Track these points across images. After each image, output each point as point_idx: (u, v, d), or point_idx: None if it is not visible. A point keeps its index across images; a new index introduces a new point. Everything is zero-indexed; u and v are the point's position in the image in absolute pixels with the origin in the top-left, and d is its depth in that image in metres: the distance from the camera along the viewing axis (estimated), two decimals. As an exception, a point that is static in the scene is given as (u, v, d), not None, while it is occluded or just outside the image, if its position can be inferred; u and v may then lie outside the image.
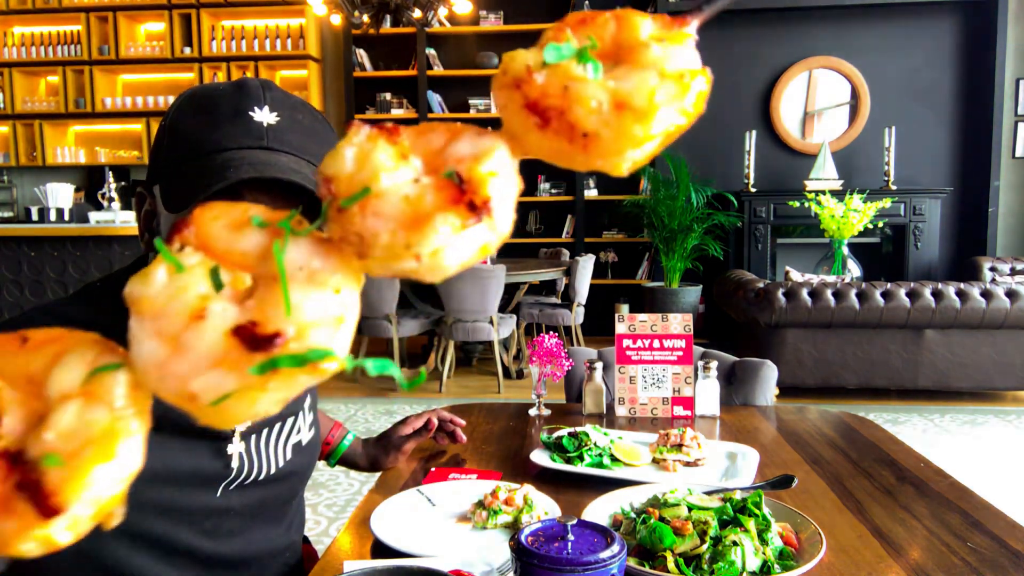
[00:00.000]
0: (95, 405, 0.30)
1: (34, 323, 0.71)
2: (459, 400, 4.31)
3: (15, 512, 0.28)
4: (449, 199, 0.31)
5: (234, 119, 0.72)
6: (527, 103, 0.32)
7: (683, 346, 1.50)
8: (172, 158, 0.72)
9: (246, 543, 0.90)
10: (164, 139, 0.74)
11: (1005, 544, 0.89)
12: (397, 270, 0.31)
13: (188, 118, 0.74)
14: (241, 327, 0.30)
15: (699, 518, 0.83)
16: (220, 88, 0.75)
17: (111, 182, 4.95)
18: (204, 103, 0.74)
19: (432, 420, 1.28)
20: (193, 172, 0.69)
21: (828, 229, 4.89)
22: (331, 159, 0.32)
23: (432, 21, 4.78)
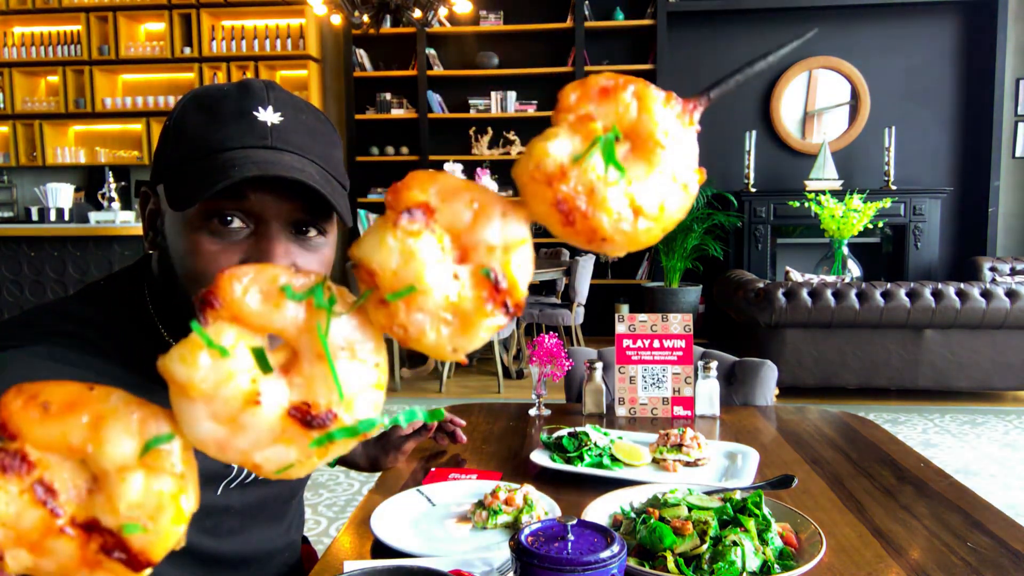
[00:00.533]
0: (158, 475, 0.33)
1: (41, 321, 0.72)
2: (459, 400, 4.31)
3: (108, 569, 0.33)
4: (487, 299, 0.34)
5: (238, 119, 0.72)
6: (556, 202, 0.34)
7: (683, 346, 1.50)
8: (175, 157, 0.72)
9: (245, 542, 0.90)
10: (168, 139, 0.75)
11: (1005, 544, 0.89)
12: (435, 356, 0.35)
13: (192, 118, 0.73)
14: (296, 407, 0.33)
15: (699, 518, 0.83)
16: (224, 88, 0.75)
17: (111, 182, 4.95)
18: (208, 103, 0.74)
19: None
20: (196, 171, 0.69)
21: (828, 229, 4.89)
22: (372, 249, 0.33)
23: (432, 21, 4.78)
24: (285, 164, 0.69)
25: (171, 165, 0.72)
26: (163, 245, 0.74)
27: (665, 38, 6.14)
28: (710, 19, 6.32)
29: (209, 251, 0.69)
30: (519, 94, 6.45)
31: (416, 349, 0.34)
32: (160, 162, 0.75)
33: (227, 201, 0.69)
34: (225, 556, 0.87)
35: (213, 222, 0.70)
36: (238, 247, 0.70)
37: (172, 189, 0.71)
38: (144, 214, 0.77)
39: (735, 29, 6.31)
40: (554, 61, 6.42)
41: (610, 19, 6.23)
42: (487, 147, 6.44)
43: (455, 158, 6.05)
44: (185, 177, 0.69)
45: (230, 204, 0.69)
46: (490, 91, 6.44)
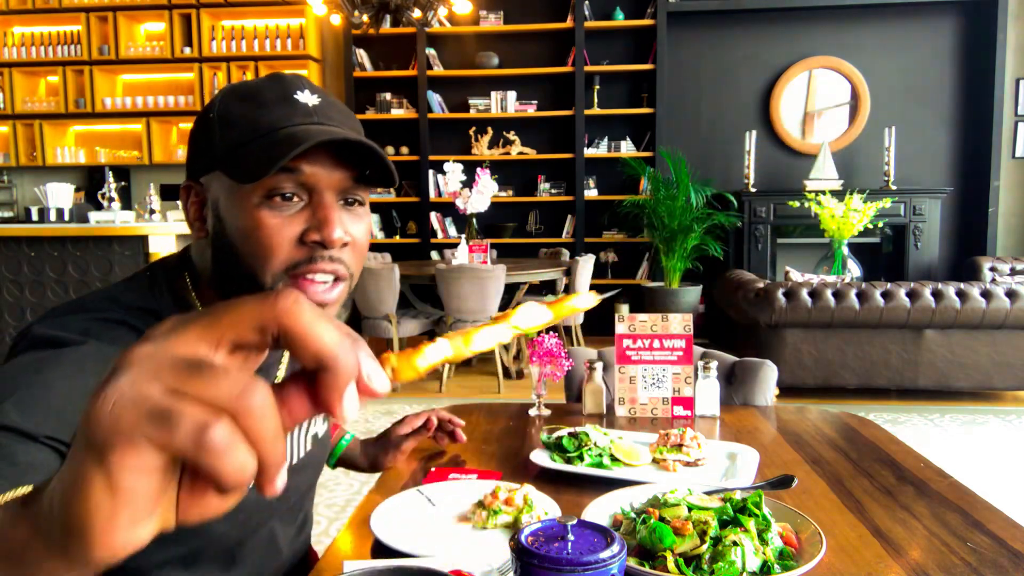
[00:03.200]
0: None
1: (93, 306, 0.76)
2: (459, 400, 4.31)
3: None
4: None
5: (282, 102, 0.77)
6: None
7: (683, 346, 1.49)
8: (229, 142, 0.76)
9: (269, 536, 0.93)
10: (213, 128, 0.77)
11: (1005, 544, 0.89)
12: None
13: (236, 107, 0.77)
14: None
15: (699, 518, 0.83)
16: (257, 81, 0.80)
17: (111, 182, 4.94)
18: (247, 93, 0.78)
19: (431, 419, 1.28)
20: (260, 148, 0.73)
21: (828, 229, 4.89)
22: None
23: (432, 21, 4.78)
24: (332, 133, 0.74)
25: (228, 149, 0.76)
26: (218, 229, 0.77)
27: (665, 38, 6.14)
28: (710, 19, 6.32)
29: (272, 224, 0.74)
30: (519, 94, 6.45)
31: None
32: (209, 152, 0.78)
33: (284, 176, 0.74)
34: (246, 551, 0.89)
35: (275, 199, 0.74)
36: (297, 218, 0.75)
37: (237, 168, 0.74)
38: (187, 208, 0.81)
39: (735, 29, 6.31)
40: (554, 61, 6.42)
41: (610, 19, 6.23)
42: (487, 147, 6.44)
43: (455, 158, 6.05)
44: (248, 156, 0.73)
45: (287, 179, 0.74)
46: (490, 91, 6.44)
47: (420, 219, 6.55)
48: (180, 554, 0.81)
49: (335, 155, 0.76)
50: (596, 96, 6.30)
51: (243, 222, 0.75)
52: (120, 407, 0.28)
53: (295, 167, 0.74)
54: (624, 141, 6.37)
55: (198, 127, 0.80)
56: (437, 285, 4.40)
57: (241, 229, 0.75)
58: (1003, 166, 6.15)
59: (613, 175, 6.44)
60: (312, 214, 0.75)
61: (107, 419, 0.28)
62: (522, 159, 6.44)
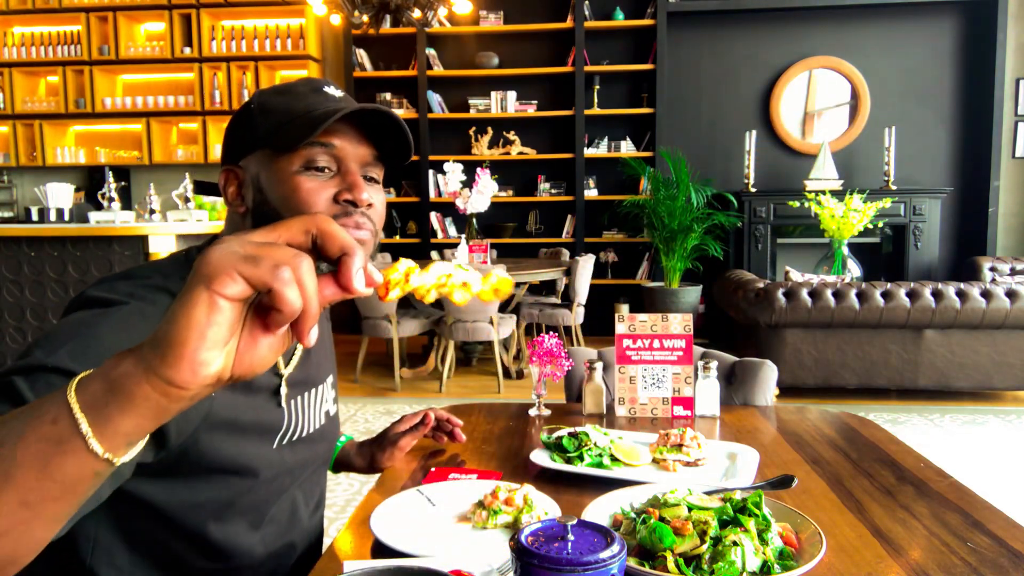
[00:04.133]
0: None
1: (142, 275, 0.86)
2: (459, 400, 4.31)
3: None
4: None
5: (315, 93, 0.90)
6: None
7: (683, 346, 1.49)
8: (271, 125, 0.88)
9: (292, 502, 1.00)
10: (255, 117, 0.90)
11: (1005, 544, 0.89)
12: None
13: (273, 100, 0.90)
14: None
15: (699, 518, 0.83)
16: (289, 83, 0.93)
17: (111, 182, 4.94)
18: (282, 89, 0.92)
19: (429, 415, 1.28)
20: (300, 124, 0.86)
21: (828, 229, 4.89)
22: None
23: (432, 21, 4.78)
24: (369, 105, 0.87)
25: (270, 130, 0.88)
26: (259, 200, 0.90)
27: (665, 38, 6.14)
28: (710, 19, 6.32)
29: (310, 187, 0.87)
30: (519, 94, 6.45)
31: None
32: (250, 136, 0.90)
33: (319, 149, 0.87)
34: (272, 514, 0.96)
35: (311, 169, 0.87)
36: (330, 184, 0.88)
37: (281, 140, 0.87)
38: (225, 190, 0.93)
39: (735, 29, 6.31)
40: (554, 61, 6.42)
41: (610, 19, 6.23)
42: (487, 147, 6.44)
43: (455, 158, 6.05)
44: (290, 132, 0.86)
45: (321, 152, 0.87)
46: (490, 91, 6.44)
47: (420, 219, 6.55)
48: (215, 506, 0.88)
49: (361, 132, 0.90)
50: (596, 96, 6.30)
51: (284, 188, 0.87)
52: (222, 253, 0.44)
53: (328, 141, 0.87)
54: (624, 141, 6.37)
55: (238, 119, 0.93)
56: (437, 285, 4.39)
57: (282, 195, 0.87)
58: (1003, 166, 6.15)
59: (613, 175, 6.44)
60: (342, 180, 0.89)
61: (215, 259, 0.44)
62: (522, 159, 6.44)
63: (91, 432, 0.46)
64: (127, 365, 0.46)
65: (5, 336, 4.54)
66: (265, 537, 0.96)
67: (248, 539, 0.93)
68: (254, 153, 0.90)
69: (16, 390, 0.66)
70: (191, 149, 6.64)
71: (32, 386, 0.67)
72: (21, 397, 0.66)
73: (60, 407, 0.47)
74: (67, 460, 0.46)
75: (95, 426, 0.46)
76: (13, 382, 0.67)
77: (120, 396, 0.46)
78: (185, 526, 0.88)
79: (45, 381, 0.67)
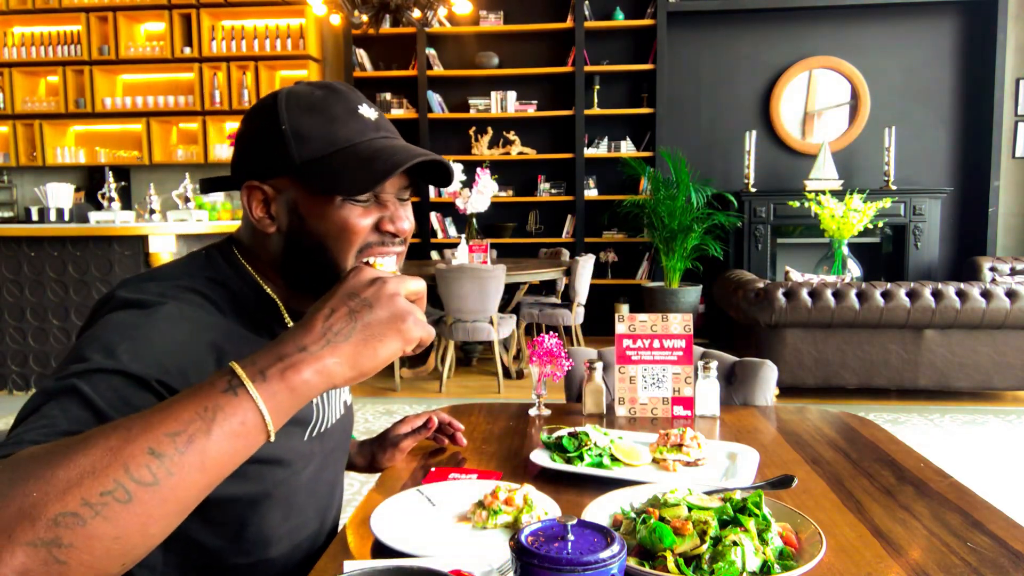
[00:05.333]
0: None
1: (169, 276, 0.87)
2: (459, 400, 4.31)
3: None
4: None
5: (350, 116, 0.88)
6: None
7: (683, 346, 1.49)
8: (309, 154, 0.85)
9: (317, 492, 1.01)
10: (288, 141, 0.85)
11: (1005, 544, 0.89)
12: None
13: (306, 120, 0.86)
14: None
15: (699, 518, 0.83)
16: (316, 92, 0.88)
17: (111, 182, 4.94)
18: (313, 105, 0.87)
19: (432, 419, 1.28)
20: (352, 162, 0.85)
21: (828, 229, 4.89)
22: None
23: (432, 21, 4.78)
24: (415, 152, 0.87)
25: (309, 162, 0.86)
26: (296, 226, 0.88)
27: (665, 38, 6.14)
28: (710, 19, 6.32)
29: (355, 220, 0.87)
30: (519, 94, 6.45)
31: None
32: (283, 161, 0.86)
33: None
34: (300, 500, 0.97)
35: (352, 200, 0.87)
36: (371, 212, 0.89)
37: (330, 181, 0.85)
38: (250, 206, 0.89)
39: (735, 29, 6.31)
40: (554, 61, 6.42)
41: (610, 19, 6.23)
42: (487, 147, 6.44)
43: (455, 158, 6.05)
44: (340, 171, 0.85)
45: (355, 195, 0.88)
46: (490, 91, 6.44)
47: (420, 219, 6.55)
48: (251, 499, 0.89)
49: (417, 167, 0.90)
50: (596, 96, 6.30)
51: (329, 221, 0.87)
52: (414, 321, 0.68)
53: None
54: (624, 141, 6.37)
55: (263, 136, 0.87)
56: (437, 285, 4.40)
57: (326, 227, 0.87)
58: (1003, 166, 6.15)
59: (613, 175, 6.44)
60: (381, 208, 0.90)
61: (409, 324, 0.67)
62: (522, 159, 6.44)
63: (271, 423, 0.61)
64: (307, 372, 0.62)
65: (5, 336, 4.54)
66: (293, 528, 0.97)
67: (279, 530, 0.94)
68: (284, 176, 0.88)
69: (82, 393, 0.68)
70: (191, 149, 6.64)
71: (95, 389, 0.68)
72: (88, 401, 0.67)
73: (247, 407, 0.60)
74: (249, 443, 0.60)
75: (274, 418, 0.61)
76: (76, 386, 0.68)
77: (298, 400, 0.62)
78: (221, 520, 0.88)
79: (108, 384, 0.69)
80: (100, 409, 0.67)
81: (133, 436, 0.55)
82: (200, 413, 0.58)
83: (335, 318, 0.65)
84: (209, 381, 0.60)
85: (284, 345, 0.63)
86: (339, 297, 0.66)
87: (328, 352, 0.63)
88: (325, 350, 0.63)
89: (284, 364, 0.61)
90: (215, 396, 0.59)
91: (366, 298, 0.66)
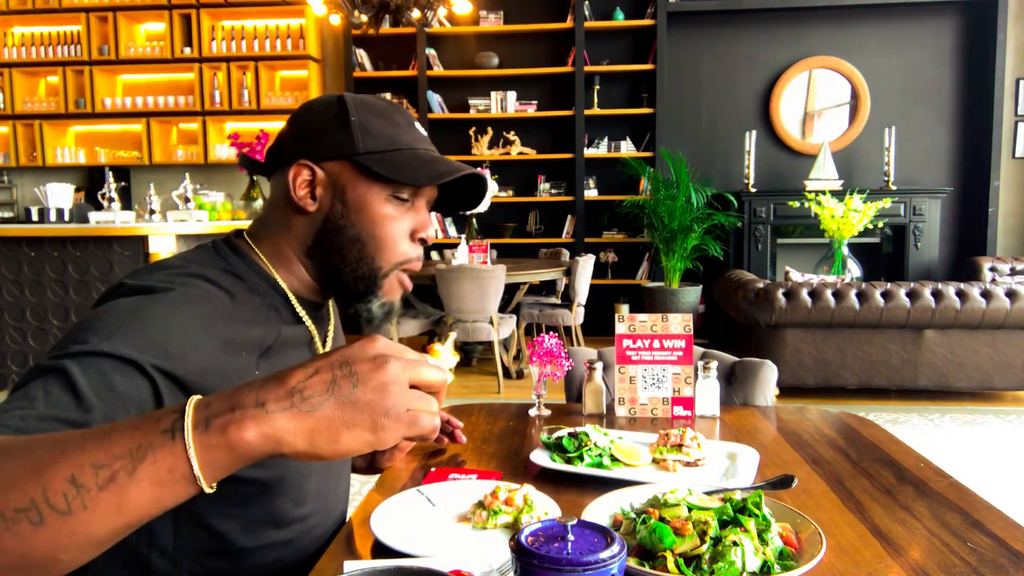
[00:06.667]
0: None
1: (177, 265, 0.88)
2: (459, 400, 4.31)
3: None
4: None
5: (410, 127, 0.98)
6: None
7: (683, 346, 1.49)
8: (374, 147, 0.93)
9: (324, 477, 1.03)
10: (355, 133, 0.93)
11: (1005, 544, 0.89)
12: None
13: (373, 119, 0.95)
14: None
15: (699, 518, 0.83)
16: (379, 102, 0.98)
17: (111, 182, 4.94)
18: (380, 111, 0.96)
19: None
20: (415, 160, 0.94)
21: (828, 229, 4.89)
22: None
23: (432, 21, 4.78)
24: (466, 166, 0.96)
25: (373, 153, 0.93)
26: (339, 211, 0.94)
27: (665, 38, 6.14)
28: (710, 19, 6.32)
29: (394, 217, 0.96)
30: (519, 94, 6.45)
31: None
32: (345, 148, 0.93)
33: (409, 187, 0.96)
34: (311, 490, 0.98)
35: (395, 199, 0.95)
36: (406, 216, 0.97)
37: (392, 168, 0.93)
38: (294, 183, 0.93)
39: (735, 29, 6.31)
40: (554, 61, 6.42)
41: (610, 19, 6.23)
42: (487, 147, 6.44)
43: (455, 158, 6.04)
44: (404, 164, 0.93)
45: (409, 188, 0.96)
46: (490, 91, 6.44)
47: (420, 219, 6.55)
48: (263, 484, 0.90)
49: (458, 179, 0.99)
50: (596, 96, 6.30)
51: (373, 210, 0.94)
52: (397, 397, 0.58)
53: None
54: (624, 141, 6.37)
55: (329, 121, 0.94)
56: (437, 285, 4.40)
57: (369, 219, 0.94)
58: (1003, 166, 6.15)
59: (613, 175, 6.44)
60: (415, 215, 0.98)
61: (391, 400, 0.58)
62: (522, 159, 6.44)
63: (203, 478, 0.55)
64: (251, 433, 0.55)
65: (5, 336, 4.54)
66: (302, 514, 0.98)
67: (289, 515, 0.95)
68: (340, 161, 0.93)
69: (69, 375, 0.68)
70: (191, 149, 6.64)
71: (84, 371, 0.68)
72: (72, 383, 0.67)
73: (178, 455, 0.54)
74: (175, 493, 0.55)
75: (205, 473, 0.55)
76: (66, 366, 0.68)
77: (237, 459, 0.55)
78: (235, 502, 0.89)
79: (97, 368, 0.69)
80: (82, 393, 0.67)
81: (63, 458, 0.53)
82: (132, 449, 0.53)
83: (312, 382, 0.56)
84: (157, 414, 0.56)
85: (246, 393, 0.56)
86: (331, 360, 0.58)
87: (285, 418, 0.55)
88: (283, 415, 0.55)
89: (231, 417, 0.54)
90: (153, 434, 0.54)
91: (356, 373, 0.57)
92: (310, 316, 0.99)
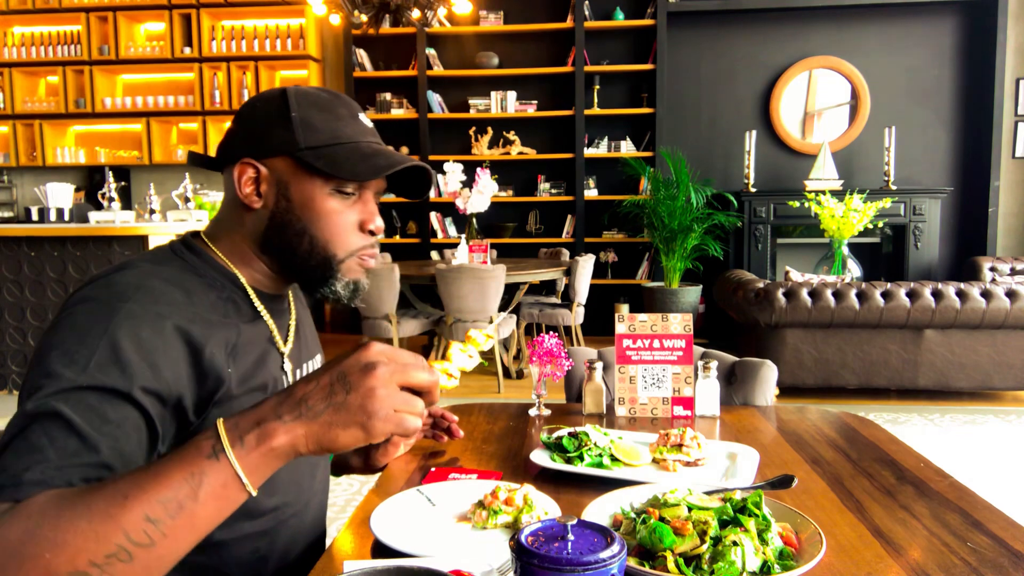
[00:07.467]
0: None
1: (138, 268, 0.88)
2: (459, 400, 4.31)
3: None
4: None
5: (353, 120, 0.97)
6: None
7: (683, 346, 1.49)
8: (315, 142, 0.93)
9: (298, 469, 1.03)
10: (296, 128, 0.92)
11: (1005, 544, 0.89)
12: None
13: (314, 113, 0.94)
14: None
15: (699, 518, 0.83)
16: (321, 94, 0.97)
17: (111, 182, 4.94)
18: (321, 104, 0.95)
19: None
20: (355, 155, 0.93)
21: (828, 229, 4.89)
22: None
23: (432, 21, 4.78)
24: (409, 158, 0.97)
25: (314, 148, 0.93)
26: (284, 207, 0.94)
27: (665, 38, 6.14)
28: (710, 19, 6.32)
29: (339, 210, 0.95)
30: (519, 94, 6.45)
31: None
32: (286, 144, 0.93)
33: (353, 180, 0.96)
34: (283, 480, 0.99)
35: (340, 193, 0.95)
36: (353, 209, 0.97)
37: (333, 165, 0.92)
38: (239, 181, 0.94)
39: (735, 29, 6.31)
40: (554, 61, 6.42)
41: (610, 19, 6.23)
42: (487, 147, 6.44)
43: (455, 158, 6.05)
44: (345, 159, 0.93)
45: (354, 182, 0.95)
46: (490, 91, 6.44)
47: (420, 219, 6.55)
48: None
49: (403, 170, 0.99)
50: (596, 96, 6.30)
51: (317, 206, 0.94)
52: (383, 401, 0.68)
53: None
54: (624, 141, 6.37)
55: (272, 119, 0.93)
56: (437, 285, 4.40)
57: (314, 211, 0.94)
58: (1003, 166, 6.15)
59: (613, 175, 6.44)
60: (362, 208, 0.97)
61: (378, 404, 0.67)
62: (522, 159, 6.44)
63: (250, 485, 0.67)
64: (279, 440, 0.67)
65: (5, 336, 4.54)
66: (276, 505, 0.98)
67: (262, 505, 0.96)
68: (282, 157, 0.93)
69: (64, 417, 0.71)
70: (191, 149, 6.63)
71: (75, 410, 0.72)
72: (71, 425, 0.71)
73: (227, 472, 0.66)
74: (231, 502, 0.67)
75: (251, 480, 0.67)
76: (58, 410, 0.71)
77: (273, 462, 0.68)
78: None
79: (85, 403, 0.72)
80: (83, 434, 0.71)
81: (129, 504, 0.62)
82: (187, 479, 0.64)
83: (314, 392, 0.68)
84: (195, 444, 0.66)
85: (266, 409, 0.68)
86: (330, 371, 0.69)
87: (299, 424, 0.67)
88: (297, 422, 0.67)
89: (261, 431, 0.66)
90: (200, 462, 0.65)
91: (350, 381, 0.68)
92: (268, 310, 0.99)
